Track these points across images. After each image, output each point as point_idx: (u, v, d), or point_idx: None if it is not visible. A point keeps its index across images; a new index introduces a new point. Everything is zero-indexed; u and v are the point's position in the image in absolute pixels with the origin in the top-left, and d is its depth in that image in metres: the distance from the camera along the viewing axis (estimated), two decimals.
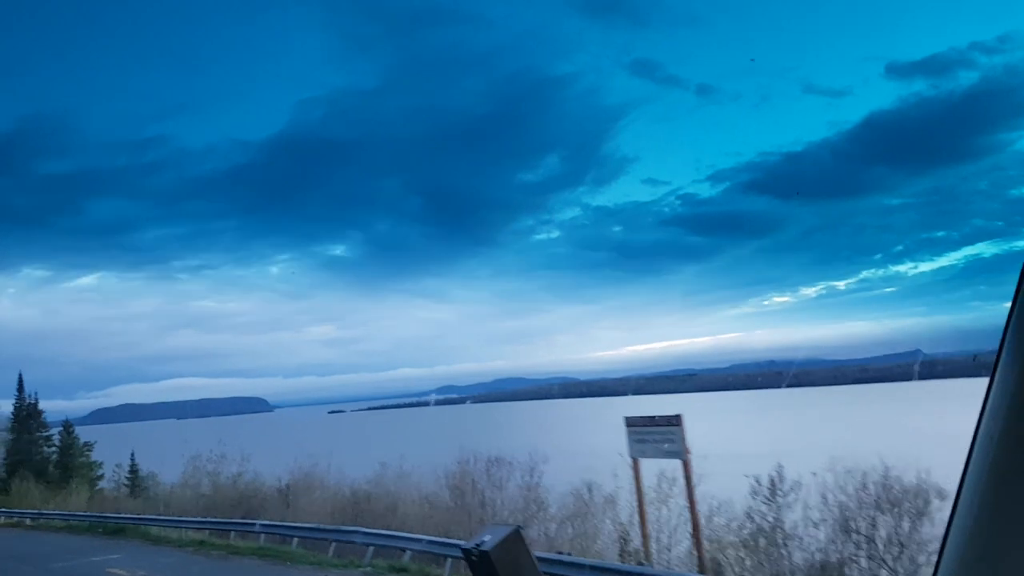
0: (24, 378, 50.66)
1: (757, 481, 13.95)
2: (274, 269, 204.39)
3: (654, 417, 11.08)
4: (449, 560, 14.72)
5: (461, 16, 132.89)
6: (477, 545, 11.45)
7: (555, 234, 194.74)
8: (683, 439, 10.52)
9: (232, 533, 22.25)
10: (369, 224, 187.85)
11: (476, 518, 20.80)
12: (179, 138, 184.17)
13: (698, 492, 15.22)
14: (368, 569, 16.41)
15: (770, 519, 13.64)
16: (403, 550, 16.45)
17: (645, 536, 11.42)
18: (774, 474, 14.00)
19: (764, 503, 13.81)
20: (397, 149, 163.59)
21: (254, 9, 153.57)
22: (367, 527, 19.98)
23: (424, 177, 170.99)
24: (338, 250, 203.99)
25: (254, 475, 32.19)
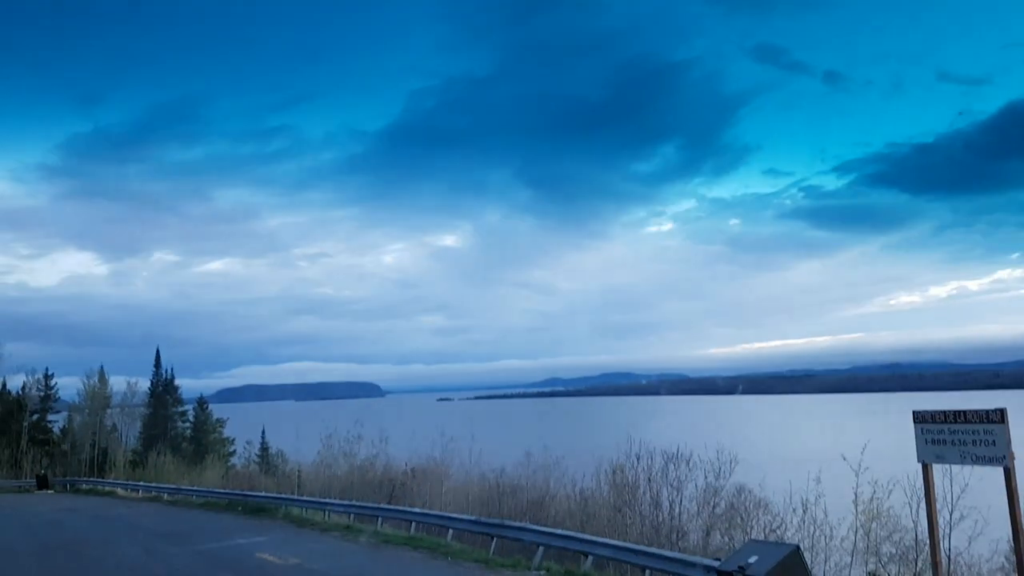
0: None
1: None
2: (387, 258, 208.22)
3: (964, 412, 8.60)
4: (648, 572, 12.59)
5: (577, 1, 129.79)
6: (741, 568, 9.24)
7: (667, 226, 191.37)
8: (1007, 441, 8.03)
9: (379, 519, 20.84)
10: (479, 214, 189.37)
11: (649, 522, 18.69)
12: (300, 128, 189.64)
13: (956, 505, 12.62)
14: (543, 573, 14.46)
15: None
16: (584, 555, 14.42)
17: (936, 566, 8.95)
18: None
19: None
20: (508, 138, 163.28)
21: (371, 1, 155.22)
22: (516, 520, 18.22)
23: (535, 167, 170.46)
24: (448, 240, 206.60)
25: (388, 459, 31.13)
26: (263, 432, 47.70)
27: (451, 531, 18.31)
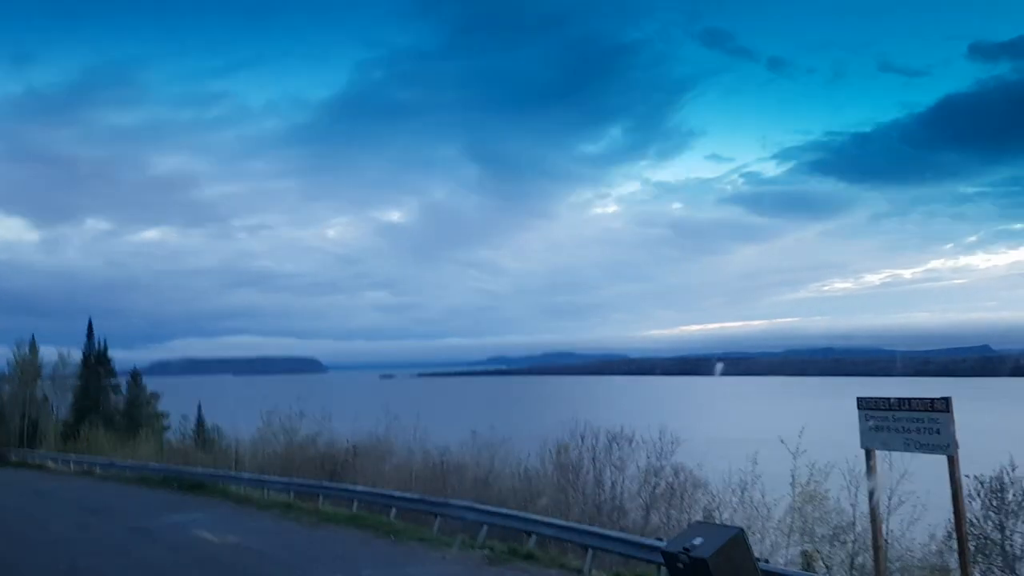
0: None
1: (980, 482, 11.66)
2: (330, 232, 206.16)
3: (909, 400, 8.76)
4: (591, 551, 12.68)
5: None
6: (686, 549, 9.27)
7: (612, 208, 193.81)
8: (952, 429, 8.22)
9: (320, 497, 20.60)
10: (426, 191, 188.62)
11: (592, 500, 18.85)
12: (241, 95, 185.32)
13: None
14: (487, 552, 14.47)
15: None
16: (528, 533, 14.46)
17: (878, 549, 9.16)
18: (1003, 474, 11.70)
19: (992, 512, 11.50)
20: (456, 114, 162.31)
21: None
22: (460, 499, 18.18)
23: (482, 144, 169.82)
24: (394, 216, 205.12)
25: (330, 436, 30.71)
26: (199, 407, 46.75)
27: (394, 509, 18.18)
